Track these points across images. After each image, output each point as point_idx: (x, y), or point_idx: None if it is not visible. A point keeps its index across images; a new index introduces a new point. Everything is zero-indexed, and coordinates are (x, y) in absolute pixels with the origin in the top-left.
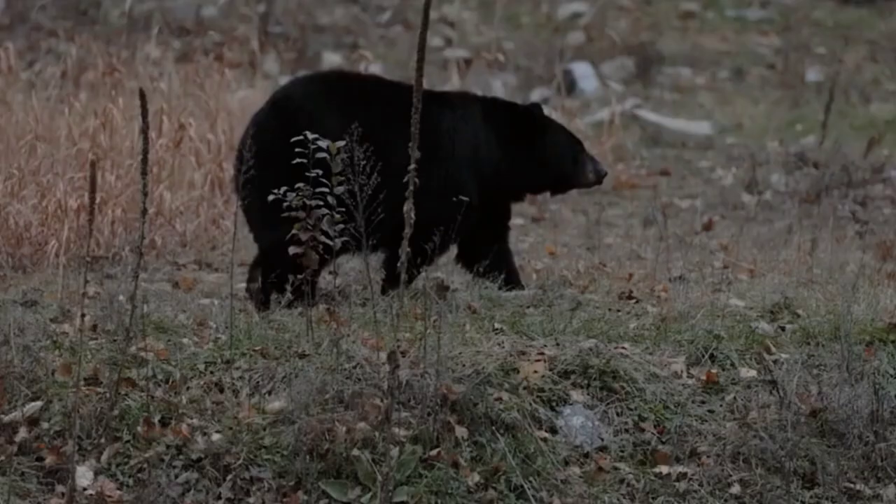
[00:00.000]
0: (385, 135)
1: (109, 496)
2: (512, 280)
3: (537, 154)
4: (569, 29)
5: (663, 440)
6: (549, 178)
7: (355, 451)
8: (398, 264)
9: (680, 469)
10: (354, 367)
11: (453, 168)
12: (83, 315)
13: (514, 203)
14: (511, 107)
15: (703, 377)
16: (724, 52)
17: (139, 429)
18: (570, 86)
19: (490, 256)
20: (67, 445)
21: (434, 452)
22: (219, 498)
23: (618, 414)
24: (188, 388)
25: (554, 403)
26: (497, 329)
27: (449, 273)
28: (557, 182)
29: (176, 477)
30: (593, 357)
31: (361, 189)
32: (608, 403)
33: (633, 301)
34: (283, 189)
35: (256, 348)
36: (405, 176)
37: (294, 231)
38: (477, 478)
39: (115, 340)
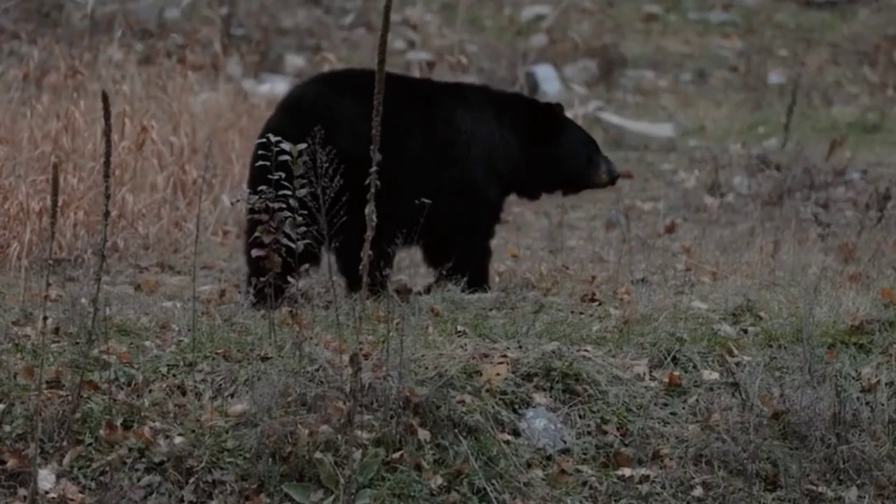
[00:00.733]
0: (399, 130)
1: (72, 499)
2: (477, 280)
3: (553, 153)
4: (531, 31)
5: (626, 442)
6: (563, 178)
7: (318, 454)
8: (362, 265)
9: (642, 471)
10: (317, 370)
11: (473, 168)
12: (45, 318)
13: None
14: (529, 104)
15: (666, 379)
16: (686, 55)
17: (101, 432)
18: (533, 88)
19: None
20: (29, 448)
21: (397, 455)
22: (181, 501)
23: (580, 416)
24: (150, 391)
25: (517, 406)
26: (460, 332)
27: (413, 275)
28: (571, 181)
29: (138, 480)
30: (556, 360)
31: (324, 192)
32: (571, 406)
33: (596, 304)
34: (246, 192)
35: (219, 351)
36: (420, 170)
37: (258, 234)
38: (440, 480)
39: (77, 343)
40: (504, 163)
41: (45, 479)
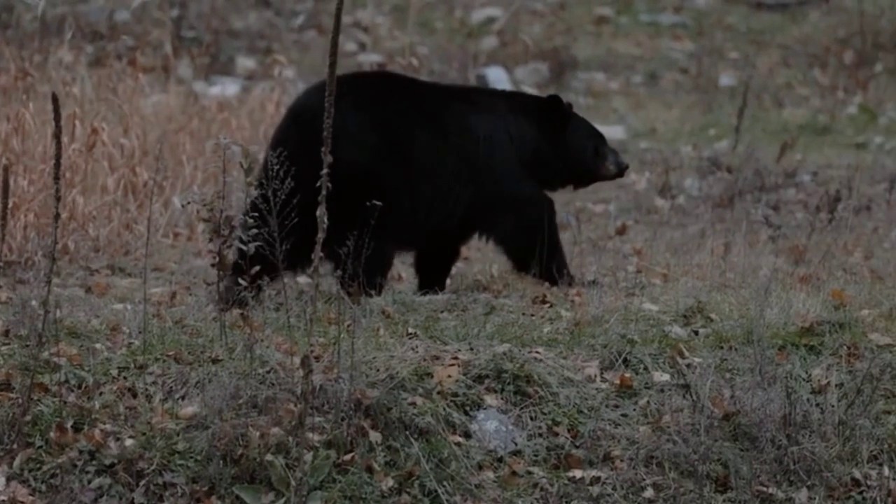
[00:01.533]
0: (407, 132)
1: (22, 502)
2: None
3: (561, 145)
4: (482, 34)
5: (577, 444)
6: (572, 170)
7: (269, 456)
8: (311, 268)
9: (593, 473)
10: (268, 372)
11: (507, 179)
12: None
13: None
14: (534, 100)
15: (617, 381)
16: (637, 57)
17: (52, 434)
18: None
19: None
20: None
21: (348, 457)
22: (132, 503)
23: (531, 418)
24: (101, 394)
25: (468, 408)
26: (411, 334)
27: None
28: (581, 174)
29: (89, 482)
30: (507, 361)
31: (275, 195)
32: (522, 408)
33: (547, 305)
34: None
35: (170, 353)
36: (430, 173)
37: (210, 237)
38: (391, 482)
39: (27, 346)
40: (528, 157)
41: None
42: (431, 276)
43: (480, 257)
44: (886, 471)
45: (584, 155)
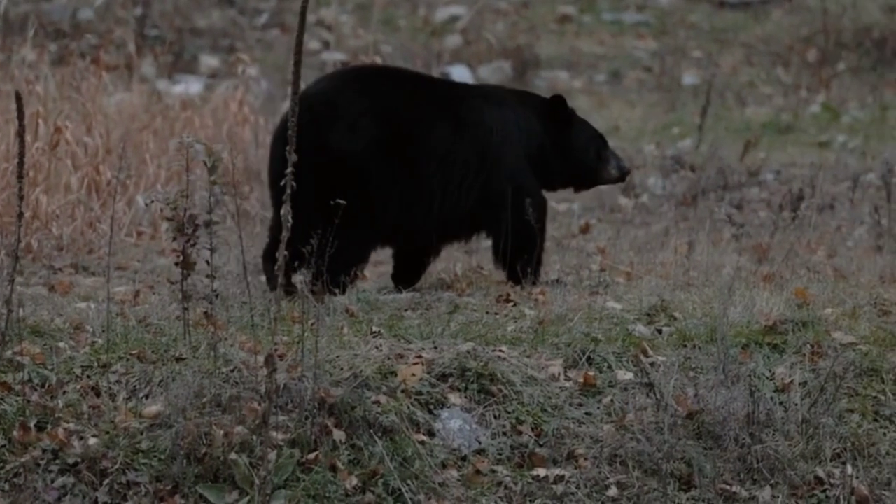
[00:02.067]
0: (411, 121)
1: None
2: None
3: (564, 145)
4: (446, 32)
5: (541, 443)
6: (574, 173)
7: (233, 455)
8: (277, 266)
9: (557, 472)
10: (232, 371)
11: (513, 164)
12: None
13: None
14: (540, 100)
15: (581, 380)
16: (601, 56)
17: (15, 433)
18: None
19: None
20: None
21: (312, 456)
22: (95, 502)
23: (495, 417)
24: (65, 393)
25: (432, 406)
26: (375, 332)
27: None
28: (582, 177)
29: (52, 482)
30: (471, 360)
31: (234, 196)
32: (486, 406)
33: (511, 304)
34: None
35: (133, 352)
36: (435, 166)
37: (173, 235)
38: (355, 481)
39: None
40: (534, 152)
41: None
42: (408, 273)
43: (444, 256)
44: (849, 469)
45: (586, 157)
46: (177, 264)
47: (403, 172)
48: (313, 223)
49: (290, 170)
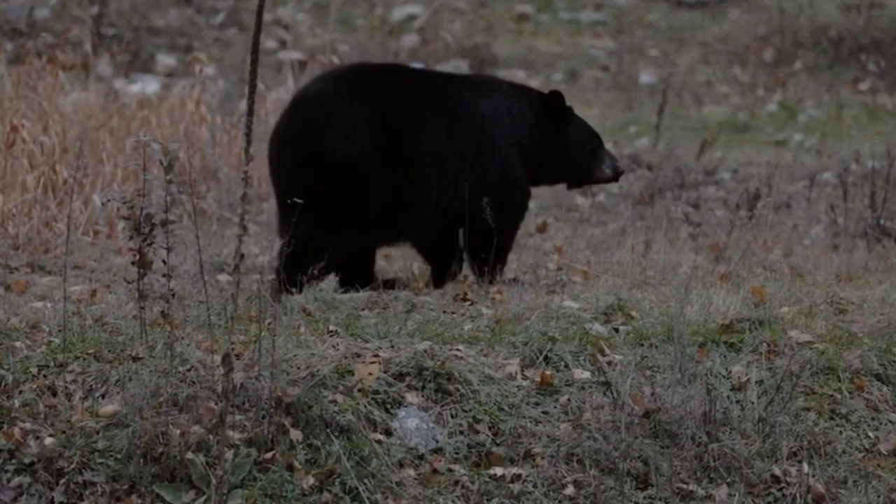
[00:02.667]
0: (407, 121)
1: None
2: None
3: (559, 143)
4: (403, 31)
5: (498, 442)
6: (567, 169)
7: (189, 455)
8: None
9: (514, 470)
10: (189, 370)
11: (504, 152)
12: None
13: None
14: (537, 93)
15: (538, 379)
16: (558, 55)
17: None
18: None
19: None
20: None
21: (269, 455)
22: (52, 502)
23: (452, 416)
24: (21, 392)
25: (389, 406)
26: (332, 331)
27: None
28: (575, 173)
29: (8, 481)
30: (428, 359)
31: (191, 196)
32: (443, 405)
33: (468, 303)
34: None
35: (90, 351)
36: (432, 162)
37: (130, 235)
38: (312, 480)
39: None
40: (524, 140)
41: None
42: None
43: (401, 255)
44: (806, 467)
45: (581, 155)
46: (133, 263)
47: (400, 171)
48: (313, 224)
49: (245, 168)
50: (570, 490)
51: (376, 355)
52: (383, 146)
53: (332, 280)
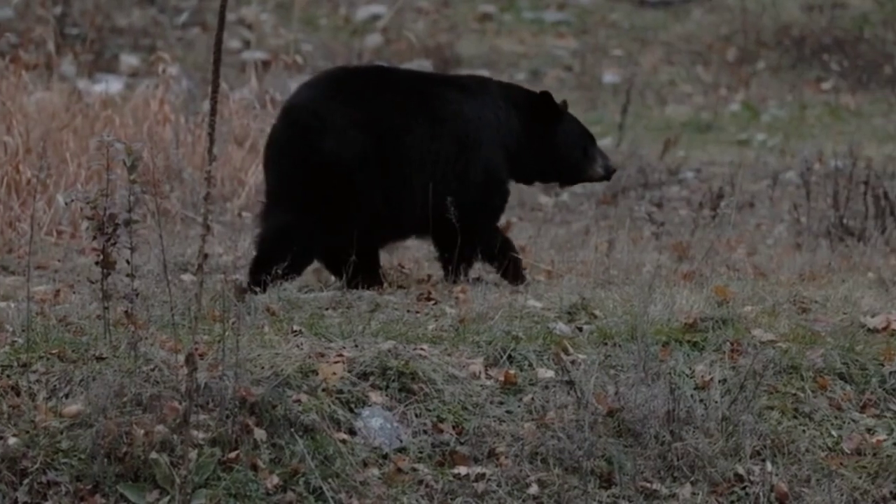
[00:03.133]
0: (397, 123)
1: None
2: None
3: (549, 141)
4: (367, 31)
5: (462, 441)
6: (558, 167)
7: (153, 454)
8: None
9: (478, 470)
10: (152, 370)
11: (487, 155)
12: None
13: (526, 185)
14: (526, 93)
15: (502, 378)
16: (521, 54)
17: None
18: None
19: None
20: None
21: (233, 455)
22: (15, 502)
23: (416, 415)
24: None
25: (353, 405)
26: (296, 331)
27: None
28: (566, 172)
29: None
30: (392, 358)
31: (155, 194)
32: (407, 405)
33: (432, 302)
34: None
35: (53, 351)
36: (423, 163)
37: (94, 235)
38: (276, 480)
39: None
40: (509, 140)
41: None
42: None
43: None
44: (769, 466)
45: (572, 154)
46: (97, 263)
47: (389, 174)
48: (304, 225)
49: (210, 168)
50: (533, 489)
51: (340, 355)
52: (374, 149)
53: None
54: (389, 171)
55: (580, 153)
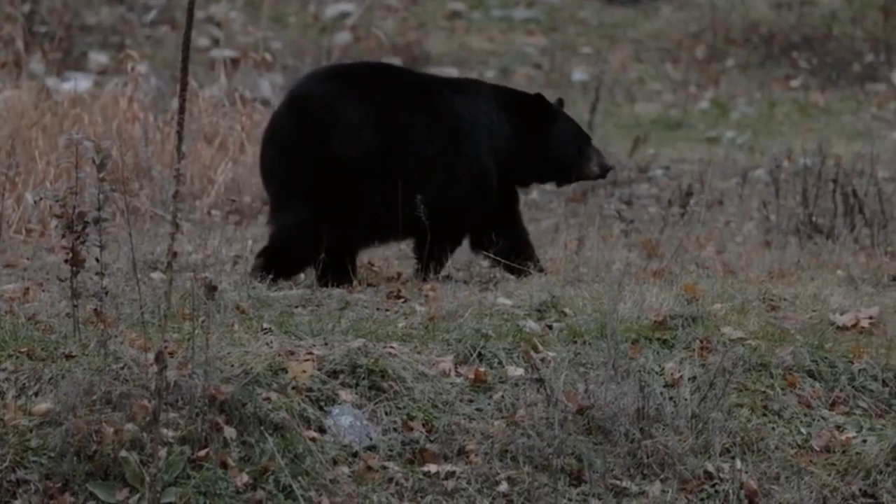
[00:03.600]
0: (403, 120)
1: None
2: (530, 259)
3: (543, 142)
4: (336, 29)
5: (431, 439)
6: (554, 168)
7: (123, 453)
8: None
9: (448, 467)
10: (122, 368)
11: (475, 152)
12: None
13: (521, 188)
14: (520, 95)
15: (472, 376)
16: (490, 52)
17: None
18: None
19: (505, 238)
20: None
21: (202, 453)
22: None
23: (386, 413)
24: None
25: (322, 403)
26: (266, 329)
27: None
28: (562, 172)
29: None
30: (362, 356)
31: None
32: (377, 402)
33: (402, 300)
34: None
35: (23, 349)
36: (428, 159)
37: (63, 233)
38: (245, 478)
39: None
40: (500, 144)
41: None
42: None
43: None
44: (739, 463)
45: (566, 154)
46: (66, 261)
47: (392, 170)
48: (321, 220)
49: (177, 166)
50: (503, 487)
51: (310, 353)
52: (381, 146)
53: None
54: (391, 167)
55: (575, 153)
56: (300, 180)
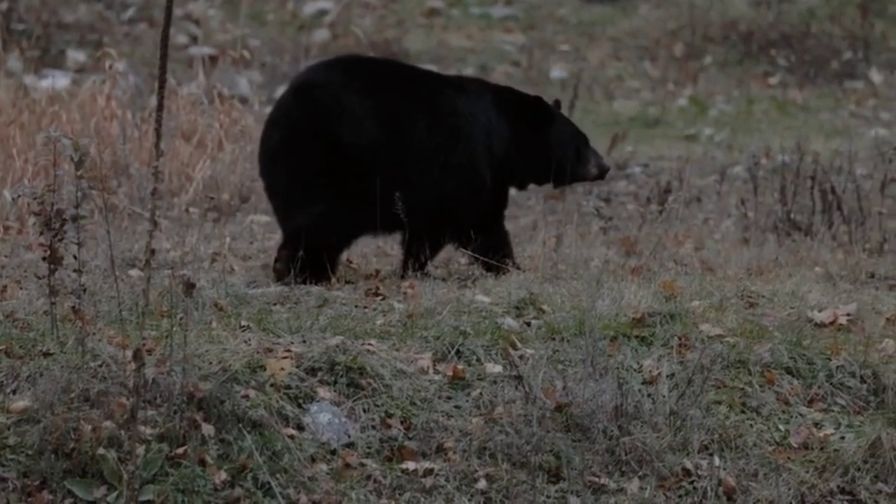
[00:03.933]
0: (405, 115)
1: None
2: (508, 257)
3: (542, 144)
4: (314, 26)
5: (410, 436)
6: (552, 169)
7: (101, 450)
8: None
9: (426, 465)
10: (100, 366)
11: (471, 150)
12: None
13: (518, 191)
14: (520, 96)
15: (450, 373)
16: (469, 50)
17: None
18: None
19: (485, 236)
20: None
21: (181, 450)
22: None
23: (365, 410)
24: None
25: (301, 400)
26: (244, 326)
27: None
28: (560, 173)
29: None
30: (340, 354)
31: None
32: (355, 400)
33: (380, 298)
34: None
35: (0, 347)
36: (427, 155)
37: (41, 230)
38: (224, 475)
39: None
40: (498, 145)
41: None
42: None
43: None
44: (717, 460)
45: (564, 156)
46: (44, 259)
47: (394, 164)
48: (338, 204)
49: (156, 164)
50: (482, 484)
51: (288, 350)
52: (384, 138)
53: (242, 274)
54: (391, 161)
55: (573, 154)
56: (312, 168)
